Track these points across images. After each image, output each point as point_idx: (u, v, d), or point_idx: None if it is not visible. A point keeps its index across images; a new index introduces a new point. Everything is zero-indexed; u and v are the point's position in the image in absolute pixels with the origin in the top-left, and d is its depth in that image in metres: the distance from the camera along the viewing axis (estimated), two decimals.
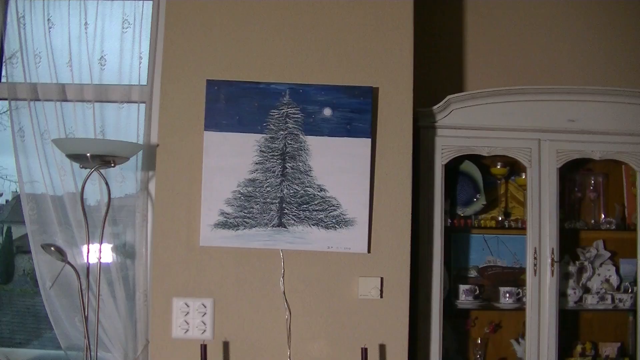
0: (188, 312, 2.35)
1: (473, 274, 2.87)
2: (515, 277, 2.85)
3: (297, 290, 2.38)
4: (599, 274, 2.86)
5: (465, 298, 2.74)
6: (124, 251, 2.59)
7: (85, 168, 2.33)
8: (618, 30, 2.99)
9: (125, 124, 2.59)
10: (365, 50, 2.43)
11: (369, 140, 2.37)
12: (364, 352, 2.24)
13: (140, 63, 2.59)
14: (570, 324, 2.85)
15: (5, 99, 2.61)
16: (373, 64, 2.44)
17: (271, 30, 2.44)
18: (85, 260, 2.39)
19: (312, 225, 2.35)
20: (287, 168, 2.37)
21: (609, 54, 2.98)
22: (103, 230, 2.37)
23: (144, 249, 2.53)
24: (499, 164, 2.82)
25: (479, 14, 2.99)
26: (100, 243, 2.36)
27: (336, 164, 2.37)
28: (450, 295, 2.77)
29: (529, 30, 2.99)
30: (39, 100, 2.58)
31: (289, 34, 2.44)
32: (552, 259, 2.59)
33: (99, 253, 2.35)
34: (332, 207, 2.36)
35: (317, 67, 2.43)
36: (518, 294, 2.73)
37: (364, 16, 2.44)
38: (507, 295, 2.73)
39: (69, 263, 2.34)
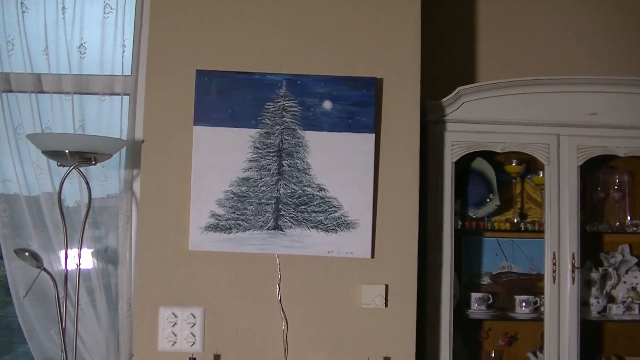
0: (176, 323, 2.42)
1: (486, 281, 2.95)
2: (532, 284, 2.93)
3: (295, 298, 2.46)
4: (624, 282, 2.93)
5: (477, 307, 2.82)
6: (106, 256, 2.66)
7: (64, 166, 2.40)
8: None
9: (108, 118, 2.66)
10: (368, 38, 2.51)
11: (373, 135, 2.45)
12: None
13: (123, 51, 2.65)
14: (593, 336, 2.93)
15: None
16: (377, 53, 2.51)
17: (267, 17, 2.51)
18: (63, 267, 2.44)
19: (311, 227, 2.43)
20: (283, 166, 2.45)
21: (635, 43, 3.06)
22: (83, 234, 2.44)
23: (128, 254, 2.61)
24: (514, 161, 2.90)
25: None
26: (80, 248, 2.43)
27: (337, 161, 2.44)
28: (461, 304, 2.85)
29: (545, 17, 3.07)
30: (11, 91, 2.65)
31: (285, 21, 2.51)
32: (573, 265, 2.67)
33: (78, 258, 2.42)
34: (332, 209, 2.44)
35: (316, 56, 2.51)
36: (535, 303, 2.81)
37: (367, 1, 2.51)
38: (524, 304, 2.81)
39: (45, 270, 2.40)
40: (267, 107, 2.45)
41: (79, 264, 2.43)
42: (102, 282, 2.61)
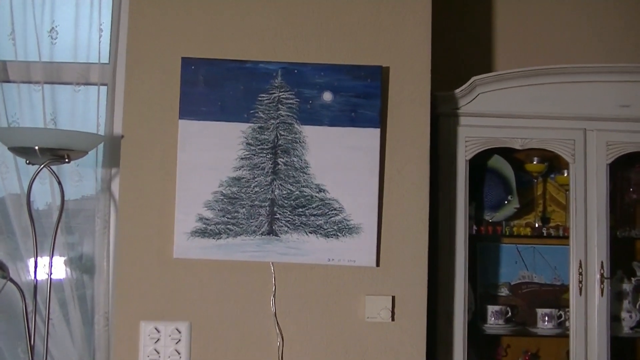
0: (159, 339, 2.43)
1: (504, 292, 2.98)
2: (555, 296, 2.96)
3: (291, 311, 2.47)
4: None
5: (494, 321, 2.84)
6: (81, 265, 2.67)
7: (33, 164, 2.41)
8: None
9: (83, 111, 2.67)
10: (373, 23, 2.52)
11: (378, 130, 2.47)
12: None
13: (100, 36, 2.66)
14: (625, 354, 2.95)
15: None
16: (383, 39, 2.53)
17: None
18: (33, 277, 2.44)
19: (310, 232, 2.45)
20: (279, 164, 2.46)
21: None
22: (54, 240, 2.44)
23: (105, 262, 2.62)
24: (535, 159, 2.93)
25: None
26: (51, 255, 2.43)
27: (338, 159, 2.46)
28: (476, 318, 2.88)
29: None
30: None
31: (281, 4, 2.52)
32: (602, 275, 2.69)
33: (49, 268, 2.42)
34: (333, 211, 2.46)
35: (315, 42, 2.52)
36: (559, 317, 2.84)
37: None
38: (546, 318, 2.84)
39: (11, 280, 2.40)
40: (260, 99, 2.47)
41: (50, 274, 2.43)
42: (76, 294, 2.62)
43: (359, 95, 2.47)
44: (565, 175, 2.89)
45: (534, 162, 2.95)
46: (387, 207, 2.50)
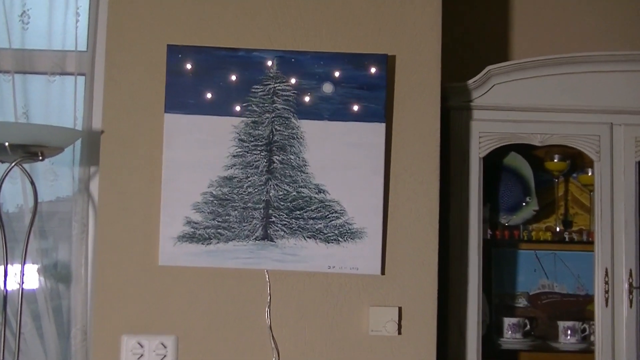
0: (142, 355, 2.44)
1: (522, 302, 3.00)
2: (579, 307, 2.99)
3: (288, 324, 2.47)
4: None
5: (511, 335, 2.86)
6: (56, 273, 2.67)
7: (3, 162, 2.41)
8: None
9: (58, 103, 2.67)
10: (377, 7, 2.53)
11: (383, 125, 2.48)
12: None
13: (77, 21, 2.65)
14: None
15: None
16: (388, 25, 2.54)
17: None
18: (2, 287, 2.44)
19: (308, 237, 2.46)
20: (274, 162, 2.47)
21: None
22: (27, 246, 2.44)
23: (83, 270, 2.62)
24: (556, 156, 2.95)
25: None
26: (23, 263, 2.42)
27: (340, 157, 2.47)
28: (491, 332, 2.89)
29: None
30: None
31: None
32: (631, 284, 2.70)
33: (21, 276, 2.42)
34: (334, 214, 2.47)
35: (314, 28, 2.53)
36: (584, 330, 2.86)
37: None
38: (569, 332, 2.86)
39: None
40: (254, 90, 2.48)
41: (22, 283, 2.43)
42: (50, 306, 2.62)
43: (363, 87, 2.49)
44: (590, 174, 2.91)
45: (555, 160, 2.97)
46: (393, 209, 2.52)
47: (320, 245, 2.47)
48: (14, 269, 2.49)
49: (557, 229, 2.97)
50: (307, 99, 2.49)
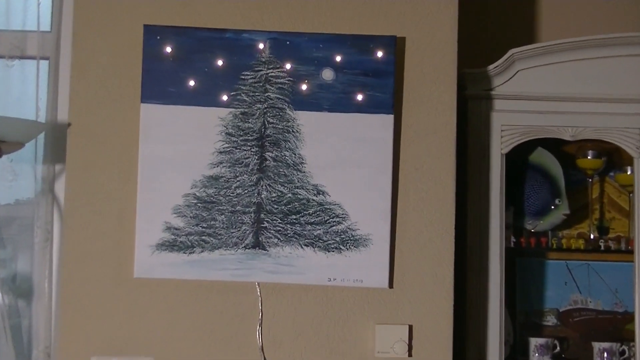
0: None
1: (551, 320, 3.01)
2: (616, 326, 2.98)
3: (282, 343, 2.48)
4: None
5: (538, 358, 2.85)
6: (15, 287, 2.68)
7: None
8: None
9: (18, 91, 2.69)
10: None
11: (391, 117, 2.48)
12: None
13: None
14: None
15: None
16: (397, 3, 2.54)
17: None
18: None
19: (305, 245, 2.46)
20: (267, 159, 2.48)
21: None
22: None
23: (47, 283, 2.62)
24: (590, 152, 2.95)
25: None
26: None
27: (341, 153, 2.48)
28: (515, 353, 2.88)
29: None
30: None
31: None
32: None
33: None
34: (335, 219, 2.47)
35: (313, 7, 2.54)
36: (622, 353, 2.85)
37: None
38: (605, 354, 2.85)
39: None
40: (243, 77, 2.48)
41: None
42: (8, 324, 2.62)
43: (368, 73, 2.50)
44: (629, 173, 2.92)
45: (589, 157, 2.98)
46: (403, 213, 2.52)
47: (319, 254, 2.48)
48: None
49: (591, 236, 2.97)
50: (304, 87, 2.49)
